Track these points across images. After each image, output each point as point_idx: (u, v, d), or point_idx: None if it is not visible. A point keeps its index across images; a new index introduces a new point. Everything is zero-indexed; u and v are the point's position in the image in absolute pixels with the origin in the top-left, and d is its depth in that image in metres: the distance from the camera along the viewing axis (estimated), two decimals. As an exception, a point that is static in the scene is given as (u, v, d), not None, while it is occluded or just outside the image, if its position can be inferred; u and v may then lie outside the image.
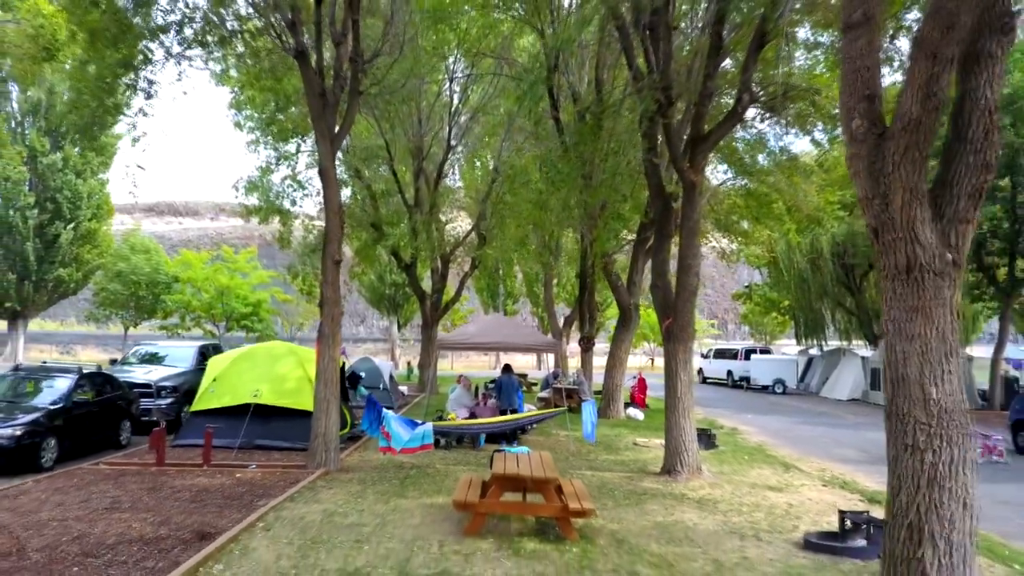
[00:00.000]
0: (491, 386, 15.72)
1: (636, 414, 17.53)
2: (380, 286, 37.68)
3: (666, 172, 10.98)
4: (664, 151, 10.29)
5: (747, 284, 37.27)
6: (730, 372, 31.61)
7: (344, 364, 12.94)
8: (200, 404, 11.53)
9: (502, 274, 38.38)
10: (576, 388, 17.63)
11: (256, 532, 6.65)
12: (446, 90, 20.87)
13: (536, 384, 23.47)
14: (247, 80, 13.09)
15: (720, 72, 10.73)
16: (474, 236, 23.29)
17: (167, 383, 13.20)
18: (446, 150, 21.55)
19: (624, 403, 18.12)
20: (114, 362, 14.48)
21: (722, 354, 33.51)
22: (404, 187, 21.16)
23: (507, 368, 14.72)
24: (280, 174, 20.53)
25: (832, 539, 6.82)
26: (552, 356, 30.57)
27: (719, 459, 11.63)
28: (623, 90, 11.83)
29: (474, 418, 12.61)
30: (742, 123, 11.25)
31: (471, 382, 15.15)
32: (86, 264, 30.83)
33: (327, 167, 9.62)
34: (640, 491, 8.98)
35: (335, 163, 9.95)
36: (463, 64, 19.77)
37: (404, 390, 21.47)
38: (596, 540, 6.71)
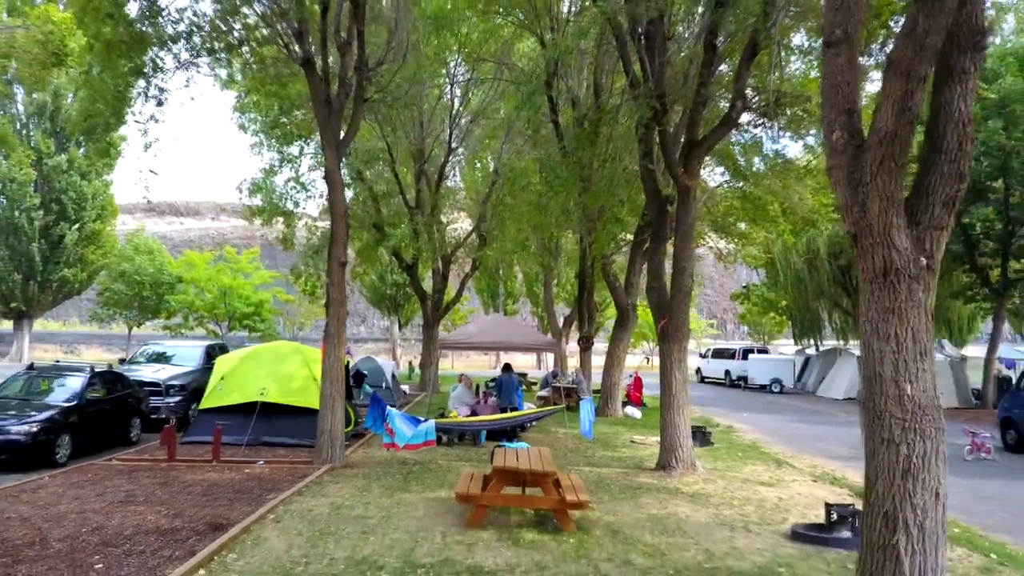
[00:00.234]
0: (491, 385, 16.01)
1: (634, 412, 17.83)
2: (381, 286, 37.99)
3: (663, 176, 11.27)
4: (660, 156, 10.57)
5: (745, 284, 37.55)
6: (728, 372, 31.91)
7: (348, 363, 13.23)
8: (208, 402, 11.83)
9: (502, 274, 38.68)
10: (575, 387, 17.92)
11: (267, 524, 6.95)
12: (447, 93, 21.16)
13: (536, 383, 23.76)
14: (252, 85, 13.38)
15: (715, 77, 11.03)
16: (474, 237, 23.59)
17: (175, 382, 13.51)
18: (447, 152, 21.84)
19: (622, 401, 18.41)
20: (123, 361, 14.79)
21: (720, 354, 33.81)
22: (405, 188, 21.46)
23: (507, 367, 15.02)
24: (283, 176, 20.86)
25: (818, 530, 7.11)
26: (551, 356, 30.89)
27: (713, 456, 11.93)
28: (620, 96, 12.12)
29: (475, 416, 12.91)
30: (737, 127, 11.53)
31: (472, 381, 15.45)
32: (90, 264, 31.16)
33: (333, 172, 9.92)
34: (635, 486, 9.27)
35: (340, 168, 10.25)
36: (464, 68, 20.08)
37: (406, 389, 21.77)
38: (592, 531, 7.00)
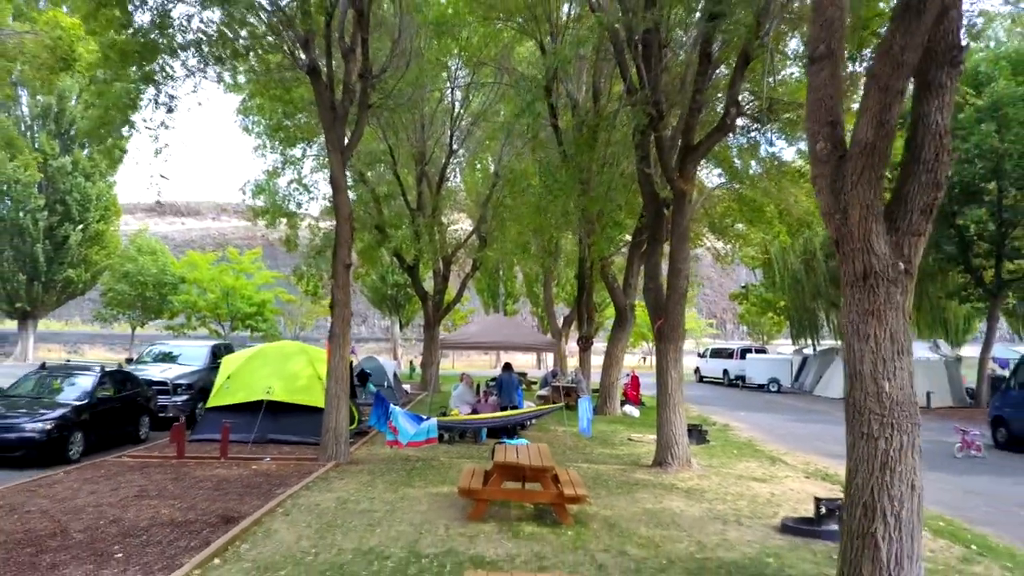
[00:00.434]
0: (492, 384, 16.29)
1: (632, 411, 18.10)
2: (382, 286, 38.26)
3: (659, 180, 11.54)
4: (656, 161, 10.84)
5: (744, 285, 37.83)
6: (726, 371, 32.18)
7: (352, 363, 13.50)
8: (215, 400, 12.11)
9: (502, 275, 38.96)
10: (574, 386, 18.19)
11: (276, 516, 7.23)
12: (448, 96, 21.44)
13: (536, 383, 24.04)
14: (257, 90, 13.64)
15: (712, 80, 11.29)
16: (475, 238, 23.86)
17: (183, 381, 13.80)
18: (448, 154, 22.11)
19: (620, 400, 18.69)
20: (130, 361, 15.07)
21: (718, 353, 34.09)
22: (407, 190, 21.73)
23: (507, 366, 15.29)
24: (286, 178, 21.13)
25: (807, 524, 7.38)
26: (551, 355, 31.17)
27: (709, 453, 12.20)
28: (619, 101, 12.40)
29: (476, 414, 13.18)
30: (732, 132, 11.79)
31: (473, 380, 15.73)
32: (94, 265, 31.46)
33: (338, 177, 10.19)
34: (632, 482, 9.55)
35: (345, 172, 10.52)
36: (465, 71, 20.34)
37: (407, 388, 22.05)
38: (589, 524, 7.28)
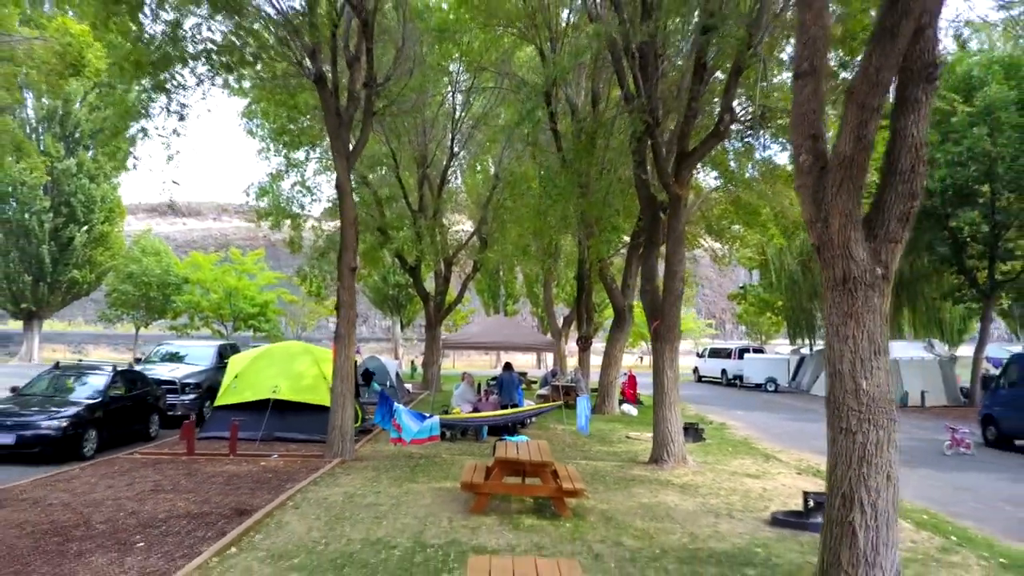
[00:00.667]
0: (493, 383, 16.62)
1: (630, 410, 18.42)
2: (384, 287, 38.60)
3: (656, 184, 11.86)
4: (653, 166, 11.17)
5: (742, 285, 38.16)
6: (724, 371, 32.50)
7: (356, 362, 13.83)
8: (223, 399, 12.41)
9: (503, 276, 39.29)
10: (573, 385, 18.52)
11: (287, 509, 7.56)
12: (449, 100, 21.76)
13: (536, 382, 24.37)
14: (263, 95, 13.96)
15: (708, 85, 11.61)
16: (476, 240, 24.19)
17: (190, 380, 14.12)
18: (449, 157, 22.44)
19: (618, 400, 19.01)
20: (138, 360, 15.40)
21: (716, 353, 34.42)
22: (408, 192, 22.05)
23: (508, 366, 15.62)
24: (290, 180, 21.44)
25: (796, 516, 7.71)
26: (551, 355, 31.50)
27: (705, 451, 12.52)
28: (615, 109, 12.72)
29: (477, 412, 13.50)
30: (728, 137, 12.11)
31: (474, 379, 16.06)
32: (99, 266, 31.80)
33: (343, 183, 10.52)
34: (629, 478, 9.87)
35: (350, 178, 10.84)
36: (466, 75, 20.67)
37: (409, 388, 22.37)
38: (587, 517, 7.60)
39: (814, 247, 5.77)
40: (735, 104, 11.86)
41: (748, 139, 12.18)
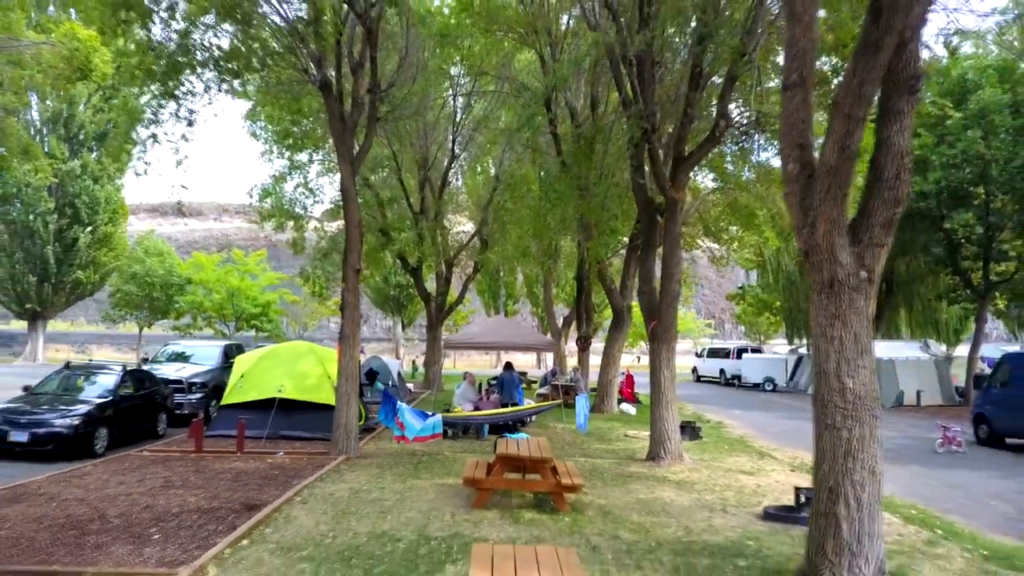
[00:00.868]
0: (494, 382, 16.88)
1: (628, 409, 18.67)
2: (385, 287, 38.86)
3: (653, 188, 12.11)
4: (650, 170, 11.42)
5: (740, 285, 38.40)
6: (722, 371, 32.76)
7: (359, 362, 14.08)
8: (230, 398, 12.68)
9: (503, 276, 39.55)
10: (573, 385, 18.78)
11: (295, 504, 7.81)
12: (450, 103, 22.00)
13: (536, 382, 24.62)
14: (268, 100, 14.21)
15: (704, 89, 11.85)
16: (476, 241, 24.44)
17: (197, 379, 14.38)
18: (450, 159, 22.69)
19: (617, 399, 19.26)
20: (145, 360, 15.64)
21: (715, 353, 34.68)
22: (410, 193, 22.29)
23: (508, 365, 15.88)
24: (293, 182, 21.67)
25: (787, 511, 7.97)
26: (551, 355, 31.75)
27: (701, 448, 12.77)
28: (613, 114, 12.98)
29: (478, 411, 13.76)
30: (722, 143, 12.35)
31: (475, 379, 16.32)
32: (103, 266, 32.07)
33: (348, 187, 10.77)
34: (626, 474, 10.12)
35: (355, 182, 11.09)
36: (467, 78, 20.92)
37: (410, 387, 22.63)
38: (585, 512, 7.85)
39: (802, 251, 6.02)
40: (731, 107, 12.15)
41: (743, 143, 12.41)
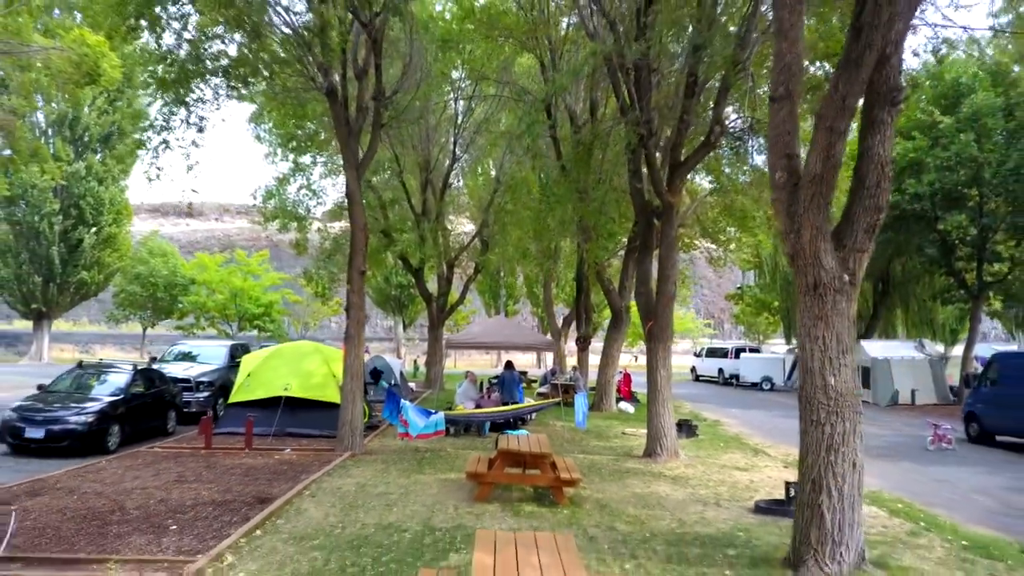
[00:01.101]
0: (495, 381, 17.19)
1: (627, 407, 18.98)
2: (386, 287, 39.17)
3: (649, 192, 12.42)
4: (647, 175, 11.73)
5: (739, 286, 38.71)
6: (721, 370, 33.06)
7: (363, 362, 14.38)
8: (237, 397, 12.99)
9: (503, 277, 39.85)
10: (572, 384, 19.09)
11: (304, 498, 8.13)
12: (451, 106, 22.31)
13: (536, 381, 24.93)
14: (274, 106, 14.52)
15: (699, 97, 12.16)
16: (477, 242, 24.75)
17: (204, 378, 14.70)
18: (451, 161, 23.00)
19: (615, 398, 19.57)
20: (153, 360, 15.96)
21: (713, 353, 34.99)
22: (411, 194, 22.59)
23: (509, 364, 16.21)
24: (296, 184, 21.96)
25: (778, 505, 8.28)
26: (551, 354, 32.06)
27: (697, 446, 13.09)
28: (612, 120, 13.29)
29: (479, 409, 14.07)
30: (717, 148, 12.65)
31: (477, 377, 16.65)
32: (107, 267, 32.38)
33: (353, 190, 11.09)
34: (623, 470, 10.44)
35: (360, 186, 11.40)
36: (468, 82, 21.23)
37: (412, 386, 22.94)
38: (583, 505, 8.17)
39: (788, 256, 6.33)
40: (727, 111, 12.47)
41: (738, 147, 12.71)
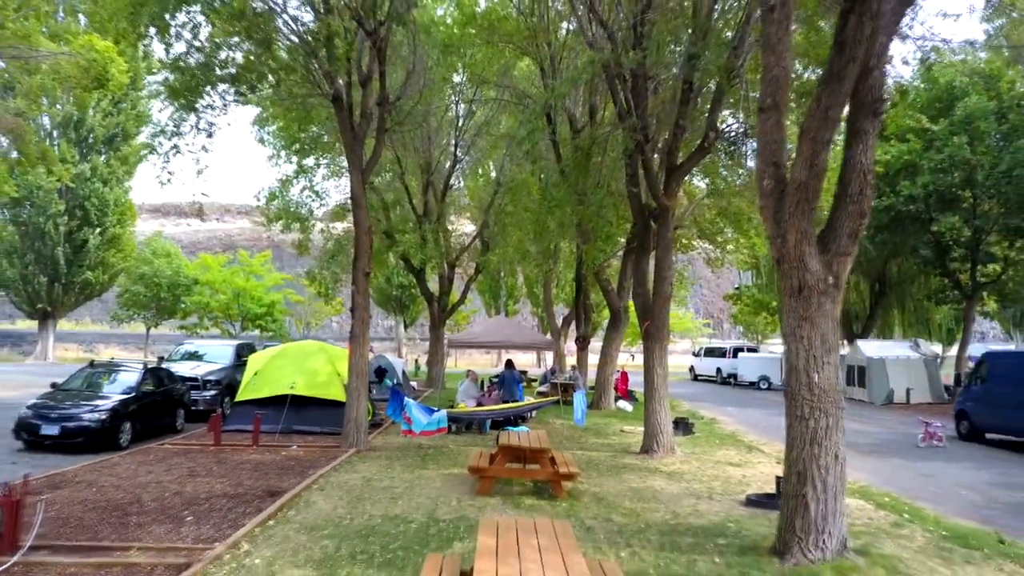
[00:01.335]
0: (495, 380, 17.52)
1: (625, 406, 19.30)
2: (388, 287, 39.49)
3: (646, 195, 12.74)
4: (643, 179, 12.05)
5: (737, 286, 39.01)
6: (719, 369, 33.37)
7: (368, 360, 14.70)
8: (244, 395, 13.31)
9: (503, 277, 40.16)
10: (571, 383, 19.40)
11: (313, 491, 8.46)
12: (452, 109, 22.63)
13: (536, 380, 25.23)
14: (280, 113, 14.84)
15: (695, 102, 12.47)
16: (478, 243, 25.07)
17: (211, 377, 15.02)
18: (452, 163, 23.32)
19: (614, 396, 19.88)
20: (161, 359, 16.28)
21: (712, 352, 35.30)
22: (412, 195, 22.91)
23: (509, 363, 16.53)
24: (299, 185, 22.27)
25: (768, 498, 8.59)
26: (550, 354, 32.38)
27: (693, 443, 13.41)
28: (609, 124, 13.60)
29: (481, 407, 14.40)
30: (712, 152, 12.97)
31: (478, 376, 16.98)
32: (111, 267, 32.71)
33: (358, 194, 11.41)
34: (620, 466, 10.76)
35: (364, 190, 11.72)
36: (469, 86, 21.54)
37: (414, 385, 23.26)
38: (581, 498, 8.49)
39: (775, 260, 6.66)
40: (725, 114, 12.79)
41: (733, 151, 13.02)
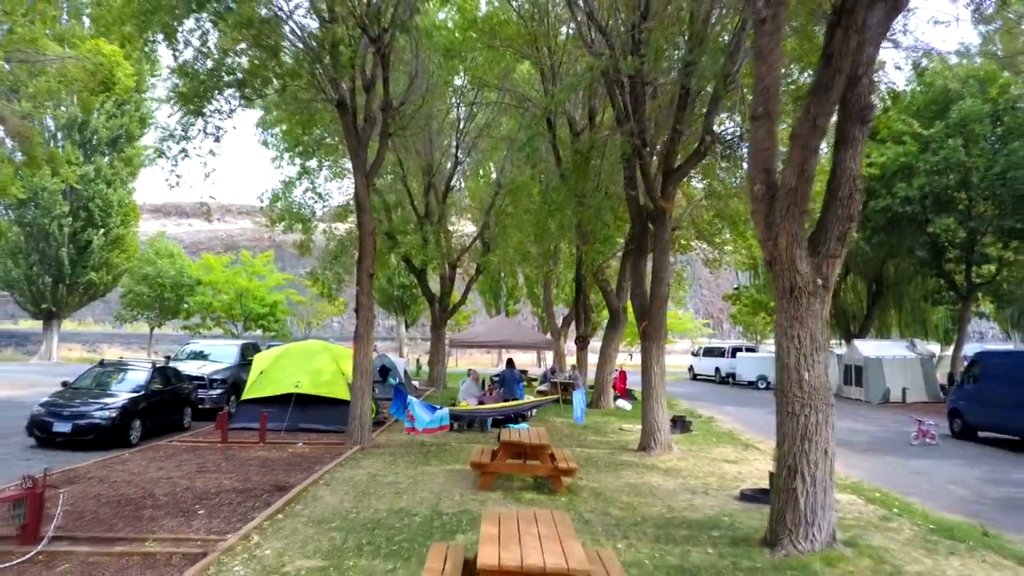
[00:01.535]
0: (496, 379, 17.76)
1: (624, 405, 19.54)
2: (389, 288, 39.72)
3: (644, 197, 12.98)
4: (641, 182, 12.29)
5: (735, 286, 39.25)
6: (718, 369, 33.60)
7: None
8: (250, 393, 13.56)
9: (504, 277, 40.41)
10: (571, 382, 19.65)
11: (320, 486, 8.70)
12: (454, 111, 22.88)
13: (536, 379, 25.48)
14: (284, 117, 15.08)
15: (692, 106, 12.71)
16: (479, 243, 25.32)
17: (217, 376, 15.28)
18: (453, 165, 23.57)
19: (613, 395, 20.13)
20: (168, 359, 16.53)
21: (710, 352, 35.53)
22: (414, 196, 23.15)
23: (510, 363, 16.79)
24: (302, 187, 22.51)
25: (762, 493, 8.81)
26: (550, 353, 32.63)
27: (690, 441, 13.65)
28: (608, 128, 13.86)
29: (482, 405, 14.65)
30: (707, 156, 13.21)
31: (479, 375, 17.23)
32: (115, 268, 32.97)
33: (362, 197, 11.66)
34: (618, 462, 11.01)
35: (368, 193, 11.97)
36: (470, 88, 21.79)
37: (416, 384, 23.52)
38: (580, 493, 8.74)
39: (767, 262, 6.90)
40: (723, 116, 13.03)
41: (730, 154, 13.26)
